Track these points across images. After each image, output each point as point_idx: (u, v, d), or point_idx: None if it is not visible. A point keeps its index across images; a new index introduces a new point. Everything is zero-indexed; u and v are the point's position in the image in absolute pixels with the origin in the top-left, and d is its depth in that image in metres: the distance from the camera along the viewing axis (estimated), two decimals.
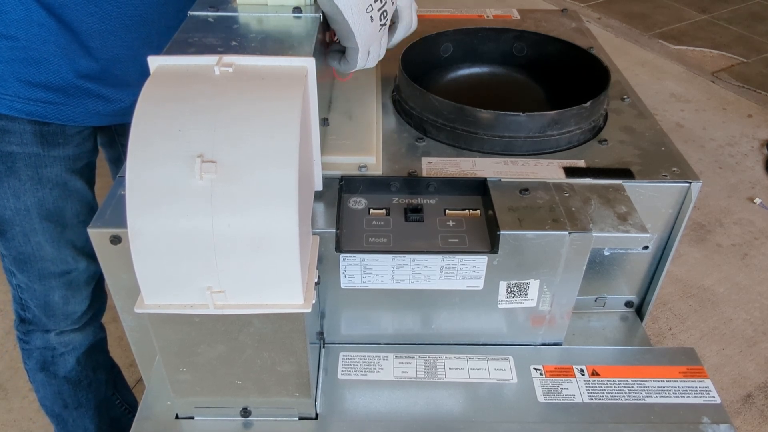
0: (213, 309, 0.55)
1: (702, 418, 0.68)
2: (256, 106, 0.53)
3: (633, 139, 0.81)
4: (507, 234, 0.65)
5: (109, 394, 1.21)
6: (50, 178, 0.92)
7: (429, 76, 0.95)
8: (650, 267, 0.81)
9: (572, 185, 0.72)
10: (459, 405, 0.69)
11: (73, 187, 0.95)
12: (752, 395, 1.50)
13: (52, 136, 0.89)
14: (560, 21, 1.14)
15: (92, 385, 1.15)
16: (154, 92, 0.54)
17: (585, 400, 0.69)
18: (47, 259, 0.97)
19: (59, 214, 0.94)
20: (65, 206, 0.95)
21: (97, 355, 1.14)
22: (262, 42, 0.63)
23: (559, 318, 0.73)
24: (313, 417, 0.68)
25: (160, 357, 0.61)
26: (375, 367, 0.73)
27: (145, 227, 0.51)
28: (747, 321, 1.68)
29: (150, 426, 0.68)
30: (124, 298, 0.72)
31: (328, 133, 0.77)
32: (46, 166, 0.91)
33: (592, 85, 0.83)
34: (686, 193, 0.74)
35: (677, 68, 2.88)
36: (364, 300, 0.72)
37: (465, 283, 0.69)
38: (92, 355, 1.13)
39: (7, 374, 1.49)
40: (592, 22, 3.31)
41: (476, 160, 0.76)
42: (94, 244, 0.67)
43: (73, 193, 0.95)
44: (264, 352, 0.61)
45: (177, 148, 0.51)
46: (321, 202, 0.70)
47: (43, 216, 0.93)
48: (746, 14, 3.44)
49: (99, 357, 1.15)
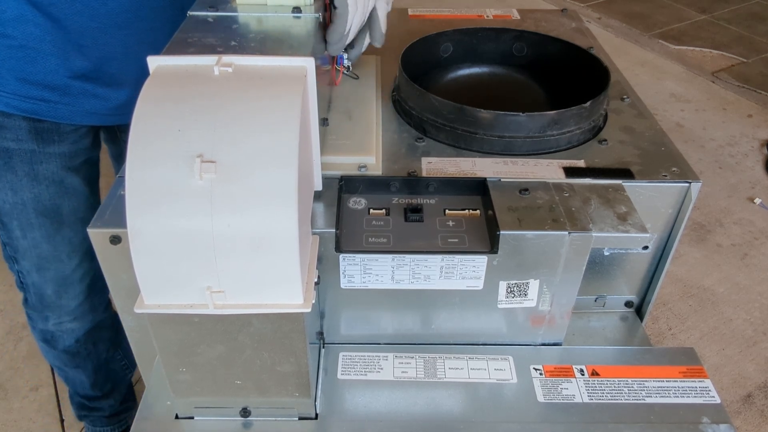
0: (212, 309, 0.55)
1: (702, 418, 0.68)
2: (255, 106, 0.53)
3: (633, 139, 0.81)
4: (507, 234, 0.65)
5: (109, 356, 1.23)
6: (46, 175, 0.92)
7: (429, 76, 0.95)
8: (650, 267, 0.81)
9: (572, 185, 0.72)
10: (459, 405, 0.69)
11: (70, 185, 0.95)
12: (752, 395, 1.50)
13: (47, 133, 0.90)
14: (560, 21, 1.14)
15: (91, 355, 1.18)
16: (154, 92, 0.54)
17: (585, 400, 0.69)
18: (42, 255, 0.97)
19: (56, 210, 0.95)
20: (62, 203, 0.95)
21: (98, 332, 1.15)
22: (261, 42, 0.63)
23: (559, 318, 0.73)
24: (313, 417, 0.68)
25: (159, 357, 0.61)
26: (375, 367, 0.73)
27: (145, 227, 0.51)
28: (747, 321, 1.68)
29: (150, 426, 0.68)
30: (124, 298, 0.72)
31: (328, 133, 0.77)
32: (42, 163, 0.91)
33: (591, 85, 0.83)
34: (686, 193, 0.74)
35: (677, 68, 2.88)
36: (363, 300, 0.72)
37: (465, 283, 0.69)
38: (93, 333, 1.14)
39: (7, 374, 1.49)
40: (592, 22, 3.31)
41: (476, 160, 0.76)
42: (93, 244, 0.67)
43: (70, 190, 0.95)
44: (264, 352, 0.61)
45: (176, 148, 0.51)
46: (321, 202, 0.70)
47: (39, 212, 0.94)
48: (746, 14, 3.44)
49: (101, 333, 1.16)
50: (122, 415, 1.34)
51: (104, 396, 1.28)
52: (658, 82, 2.76)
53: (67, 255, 0.99)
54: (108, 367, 1.24)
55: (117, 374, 1.28)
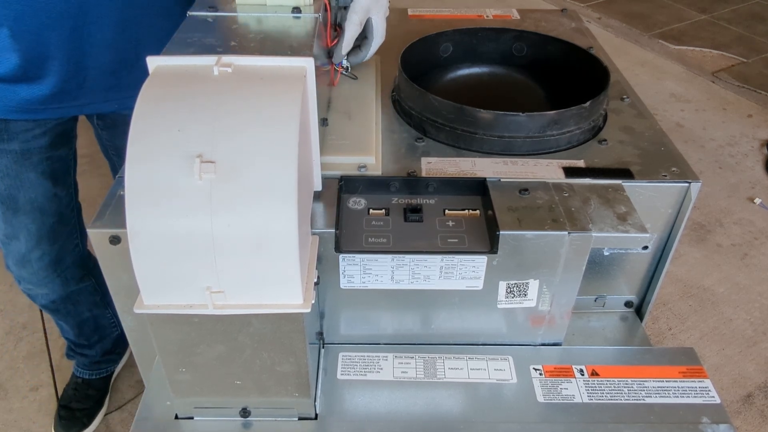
0: (212, 309, 0.55)
1: (702, 418, 0.68)
2: (255, 106, 0.53)
3: (633, 139, 0.81)
4: (506, 234, 0.65)
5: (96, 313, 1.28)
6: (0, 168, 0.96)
7: (429, 76, 0.95)
8: (650, 267, 0.81)
9: (572, 185, 0.72)
10: (459, 405, 0.69)
11: (26, 179, 0.98)
12: (752, 395, 1.50)
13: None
14: (560, 21, 1.14)
15: (72, 313, 1.23)
16: (153, 92, 0.54)
17: (585, 400, 0.69)
18: (2, 232, 1.03)
19: (12, 198, 0.99)
20: (17, 194, 0.99)
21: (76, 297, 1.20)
22: (261, 42, 0.63)
23: (559, 318, 0.73)
24: (313, 417, 0.68)
25: (159, 357, 0.61)
26: (374, 367, 0.73)
27: (145, 227, 0.51)
28: (747, 321, 1.68)
29: (150, 426, 0.68)
30: (124, 298, 0.72)
31: (328, 133, 0.77)
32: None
33: (591, 85, 0.83)
34: (686, 193, 0.74)
35: (677, 68, 2.88)
36: (363, 300, 0.72)
37: (464, 283, 0.69)
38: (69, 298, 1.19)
39: (7, 374, 1.49)
40: (592, 22, 3.31)
41: (476, 160, 0.76)
42: (93, 244, 0.67)
43: (26, 183, 0.98)
44: (263, 352, 0.61)
45: (176, 148, 0.51)
46: (320, 202, 0.70)
47: None
48: (746, 14, 3.44)
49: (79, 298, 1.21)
50: (103, 365, 1.41)
51: (90, 345, 1.35)
52: (658, 82, 2.76)
53: (24, 237, 1.03)
54: (96, 322, 1.30)
55: (105, 329, 1.34)
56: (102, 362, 1.41)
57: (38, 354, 1.53)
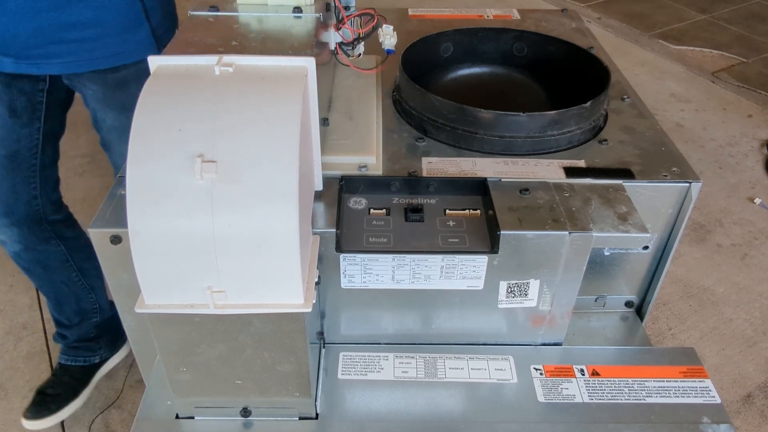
0: (213, 309, 0.55)
1: (702, 418, 0.68)
2: (256, 105, 0.53)
3: (633, 139, 0.81)
4: (507, 234, 0.65)
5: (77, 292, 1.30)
6: None
7: (429, 76, 0.95)
8: (650, 267, 0.81)
9: (572, 185, 0.72)
10: (459, 405, 0.69)
11: None
12: (752, 395, 1.50)
13: None
14: (560, 21, 1.14)
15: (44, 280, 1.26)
16: (155, 92, 0.54)
17: (585, 400, 0.69)
18: None
19: None
20: None
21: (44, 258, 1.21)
22: (262, 42, 0.63)
23: (559, 318, 0.73)
24: (313, 417, 0.68)
25: (160, 357, 0.61)
26: (375, 367, 0.73)
27: (146, 227, 0.51)
28: (747, 321, 1.68)
29: (150, 426, 0.68)
30: (125, 298, 0.72)
31: (328, 133, 0.77)
32: None
33: (592, 85, 0.83)
34: (686, 193, 0.74)
35: (677, 68, 2.88)
36: (364, 300, 0.72)
37: (465, 283, 0.69)
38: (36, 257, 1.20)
39: (7, 374, 1.49)
40: (592, 22, 3.31)
41: (476, 160, 0.76)
42: (94, 244, 0.67)
43: None
44: (264, 352, 0.61)
45: (177, 148, 0.51)
46: (321, 202, 0.70)
47: None
48: (746, 14, 3.44)
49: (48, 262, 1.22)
50: (80, 351, 1.40)
51: (69, 326, 1.36)
52: (658, 82, 2.76)
53: None
54: (79, 303, 1.32)
55: (86, 314, 1.35)
56: (79, 348, 1.39)
57: (38, 354, 1.53)
